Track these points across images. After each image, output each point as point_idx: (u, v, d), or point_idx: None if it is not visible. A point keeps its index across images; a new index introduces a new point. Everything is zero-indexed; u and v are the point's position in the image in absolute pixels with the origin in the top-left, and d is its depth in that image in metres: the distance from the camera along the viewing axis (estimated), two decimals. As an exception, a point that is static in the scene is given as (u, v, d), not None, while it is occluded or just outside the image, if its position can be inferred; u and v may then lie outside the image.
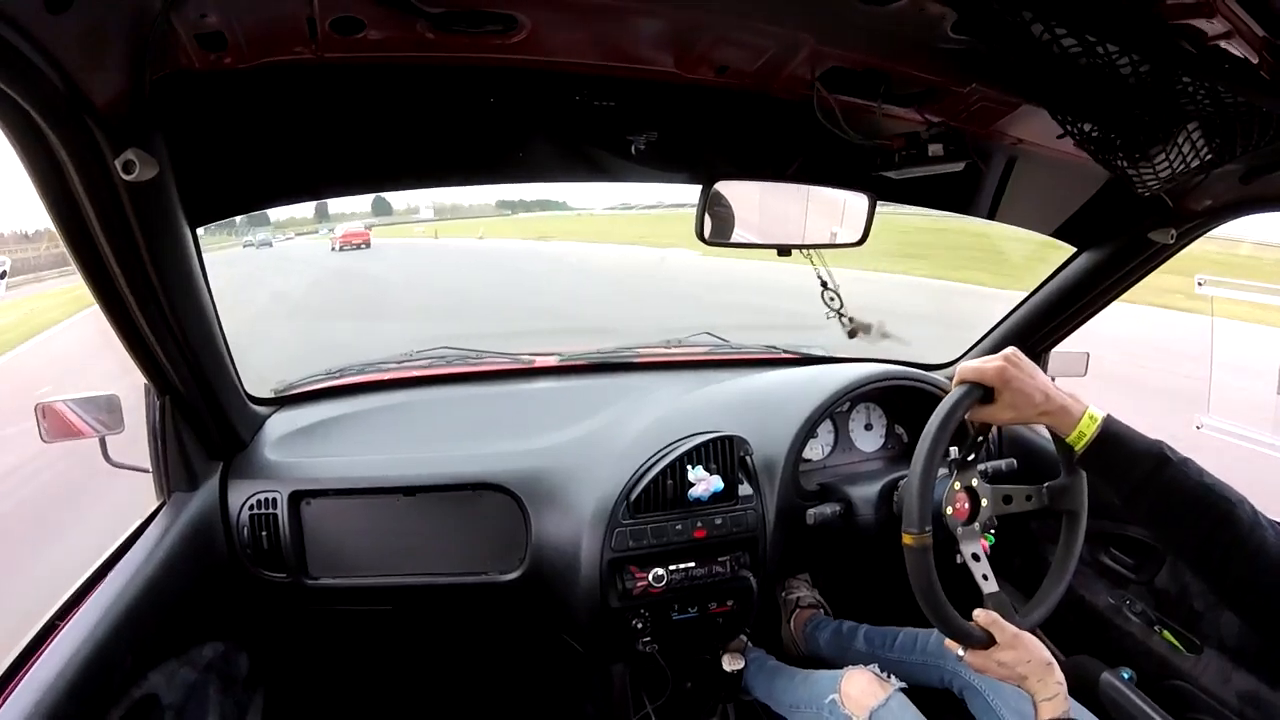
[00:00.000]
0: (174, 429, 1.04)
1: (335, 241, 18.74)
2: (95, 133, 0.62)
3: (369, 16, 0.69)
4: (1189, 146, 0.75)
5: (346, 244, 18.56)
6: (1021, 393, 0.79)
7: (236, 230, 20.37)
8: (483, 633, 1.55)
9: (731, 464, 1.17)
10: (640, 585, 1.13)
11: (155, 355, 0.91)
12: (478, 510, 1.21)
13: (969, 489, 0.92)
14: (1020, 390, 0.79)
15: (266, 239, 20.35)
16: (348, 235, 18.92)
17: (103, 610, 0.84)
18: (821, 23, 0.76)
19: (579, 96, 0.91)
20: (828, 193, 1.11)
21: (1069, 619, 1.39)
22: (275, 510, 1.14)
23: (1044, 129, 0.86)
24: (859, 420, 1.47)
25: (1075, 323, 1.45)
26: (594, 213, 28.88)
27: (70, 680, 0.75)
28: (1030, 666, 0.82)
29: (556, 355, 1.59)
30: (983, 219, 1.29)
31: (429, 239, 23.06)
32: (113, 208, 0.70)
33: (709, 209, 1.06)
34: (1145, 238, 1.16)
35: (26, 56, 0.53)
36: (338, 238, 19.00)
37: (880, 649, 1.33)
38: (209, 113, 0.78)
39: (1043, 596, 0.92)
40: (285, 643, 1.33)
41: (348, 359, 1.50)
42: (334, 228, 20.18)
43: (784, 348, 1.69)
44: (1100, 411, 0.79)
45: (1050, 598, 0.92)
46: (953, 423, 0.82)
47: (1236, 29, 0.56)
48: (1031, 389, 0.79)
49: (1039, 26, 0.66)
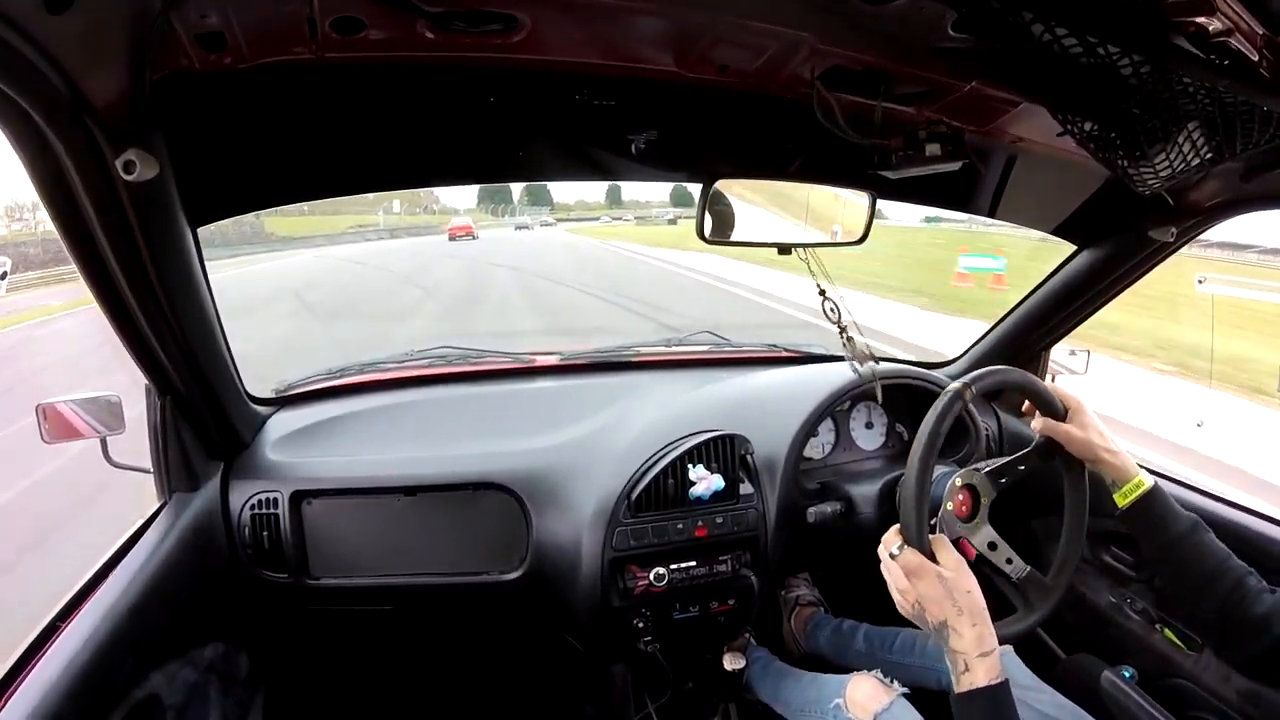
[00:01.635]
0: (175, 429, 1.04)
1: (448, 233, 23.84)
2: (95, 133, 0.62)
3: (369, 16, 0.69)
4: (1189, 145, 0.74)
5: (454, 236, 23.48)
6: (1094, 426, 0.89)
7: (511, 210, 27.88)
8: (484, 633, 1.55)
9: (732, 463, 1.18)
10: (641, 584, 1.13)
11: (155, 355, 0.91)
12: (478, 510, 1.21)
13: (969, 486, 0.92)
14: (1093, 424, 0.90)
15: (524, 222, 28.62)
16: (454, 229, 24.18)
17: (104, 611, 0.84)
18: (822, 22, 0.76)
19: (579, 96, 0.91)
20: (828, 191, 1.11)
21: (1069, 618, 1.40)
22: (276, 510, 1.14)
23: (1044, 127, 0.86)
24: (860, 419, 1.47)
25: (1076, 321, 1.44)
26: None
27: (72, 681, 0.75)
28: (945, 605, 0.74)
29: (557, 355, 1.59)
30: (983, 217, 1.29)
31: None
32: (113, 208, 0.70)
33: (709, 208, 1.06)
34: (1145, 236, 1.16)
35: (27, 57, 0.53)
36: (448, 229, 24.39)
37: (880, 650, 1.34)
38: (209, 113, 0.78)
39: (1065, 554, 0.94)
40: (286, 643, 1.33)
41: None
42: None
43: (785, 346, 1.69)
44: (1150, 477, 0.88)
45: (1072, 556, 0.93)
46: (940, 434, 0.83)
47: (1236, 27, 0.56)
48: (1102, 430, 0.89)
49: (1039, 26, 0.66)
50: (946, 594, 0.75)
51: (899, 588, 0.79)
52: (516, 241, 25.66)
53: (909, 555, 0.77)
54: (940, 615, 0.75)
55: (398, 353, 1.54)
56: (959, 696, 0.74)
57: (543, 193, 55.00)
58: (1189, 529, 0.84)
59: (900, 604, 0.80)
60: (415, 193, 28.51)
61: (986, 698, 0.72)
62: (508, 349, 1.60)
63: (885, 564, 0.81)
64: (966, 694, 0.73)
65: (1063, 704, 1.04)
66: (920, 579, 0.76)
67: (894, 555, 0.79)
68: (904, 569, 0.78)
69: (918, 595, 0.76)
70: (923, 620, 0.77)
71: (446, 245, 22.55)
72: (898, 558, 0.78)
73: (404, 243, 26.14)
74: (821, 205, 1.13)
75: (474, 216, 39.71)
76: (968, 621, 0.74)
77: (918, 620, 0.78)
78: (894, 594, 0.80)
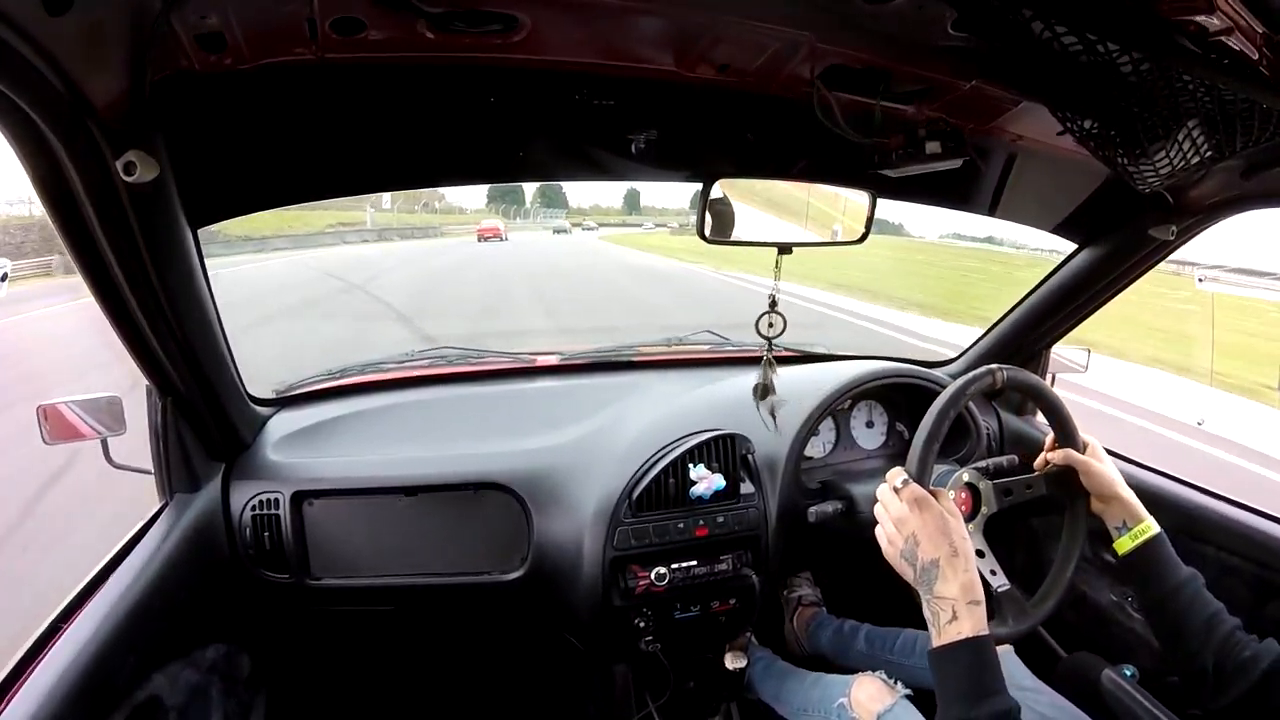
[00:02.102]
0: (175, 430, 1.04)
1: (477, 234, 24.42)
2: (96, 134, 0.62)
3: (369, 17, 0.69)
4: (1189, 143, 0.74)
5: (483, 237, 24.07)
6: (1110, 463, 0.92)
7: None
8: (485, 633, 1.55)
9: (733, 462, 1.18)
10: (642, 584, 1.13)
11: (156, 356, 0.91)
12: (479, 510, 1.21)
13: (970, 485, 0.93)
14: (1110, 462, 0.92)
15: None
16: (483, 230, 24.83)
17: (105, 612, 0.84)
18: (822, 21, 0.76)
19: (579, 96, 0.91)
20: (828, 190, 1.11)
21: (1071, 616, 1.40)
22: (277, 511, 1.14)
23: (1044, 126, 0.86)
24: (860, 418, 1.47)
25: (1076, 319, 1.44)
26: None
27: (73, 682, 0.75)
28: (941, 542, 0.72)
29: (557, 354, 1.59)
30: (983, 215, 1.29)
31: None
32: (114, 209, 0.70)
33: (709, 207, 1.06)
34: (1146, 234, 1.16)
35: (27, 59, 0.53)
36: (478, 229, 24.97)
37: (880, 650, 1.34)
38: (209, 114, 0.78)
39: (1051, 586, 0.93)
40: (287, 643, 1.33)
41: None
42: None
43: (785, 345, 1.69)
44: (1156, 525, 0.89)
45: (1058, 587, 0.92)
46: (966, 395, 0.85)
47: (1236, 25, 0.56)
48: (1117, 474, 0.91)
49: (1039, 25, 0.66)
50: (944, 532, 0.73)
51: (896, 518, 0.77)
52: (551, 251, 22.08)
53: (914, 487, 0.76)
54: (934, 553, 0.72)
55: (398, 353, 1.54)
56: (942, 649, 0.70)
57: (558, 195, 53.24)
58: (1189, 578, 0.85)
59: (890, 540, 0.77)
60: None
61: (972, 648, 0.69)
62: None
63: (884, 498, 0.79)
64: (952, 645, 0.69)
65: (1061, 705, 1.04)
66: (923, 511, 0.74)
67: (898, 488, 0.77)
68: (908, 499, 0.76)
69: (914, 528, 0.74)
70: (912, 558, 0.74)
71: (456, 252, 19.50)
72: (901, 490, 0.77)
73: (398, 249, 22.25)
74: (822, 204, 1.13)
75: (483, 217, 39.01)
76: (961, 564, 0.72)
77: (906, 559, 0.75)
78: (885, 529, 0.78)
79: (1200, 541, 1.17)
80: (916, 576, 0.74)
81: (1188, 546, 1.18)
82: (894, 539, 0.77)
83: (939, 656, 0.71)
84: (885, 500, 0.79)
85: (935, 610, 0.72)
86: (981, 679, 0.69)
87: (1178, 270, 6.76)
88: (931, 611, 0.72)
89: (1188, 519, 1.19)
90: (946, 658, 0.70)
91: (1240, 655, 0.80)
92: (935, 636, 0.72)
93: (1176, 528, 1.19)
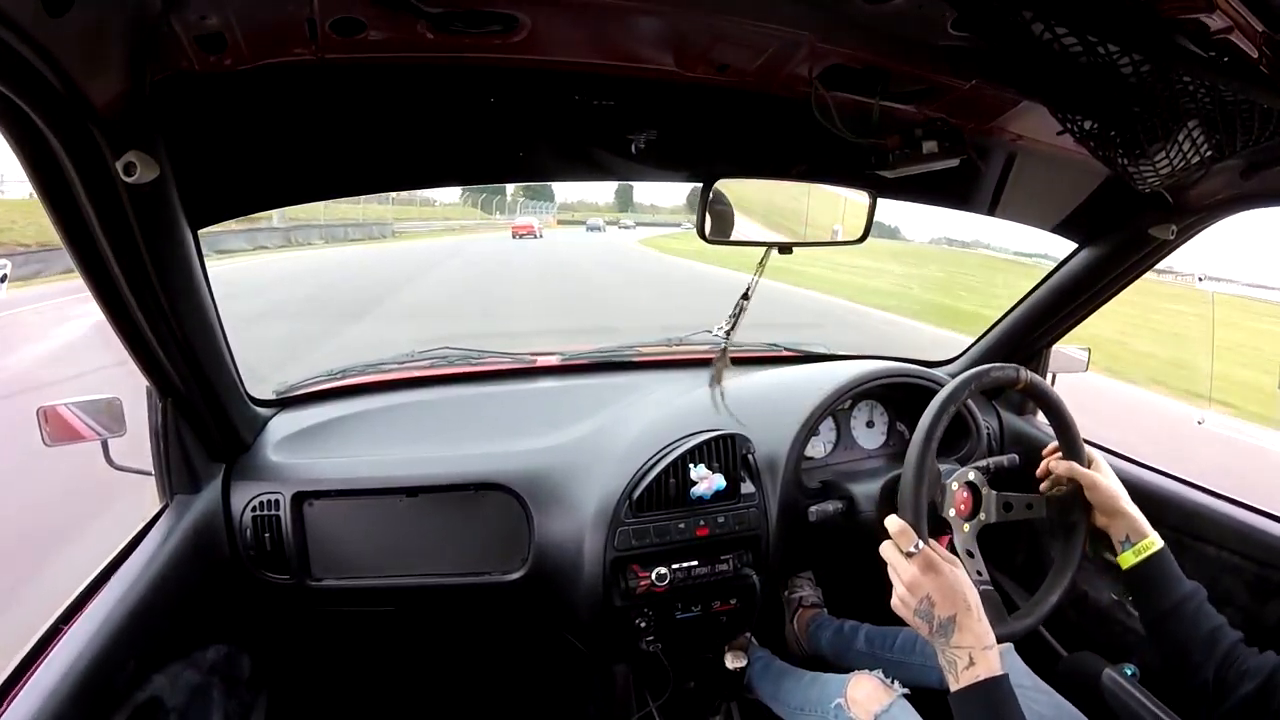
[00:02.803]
0: (176, 431, 1.04)
1: (511, 230, 25.56)
2: (96, 135, 0.62)
3: (369, 17, 0.69)
4: (1189, 143, 0.75)
5: (517, 234, 24.82)
6: (1115, 478, 0.92)
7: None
8: (485, 633, 1.55)
9: (734, 462, 1.18)
10: (643, 584, 1.13)
11: (157, 357, 0.91)
12: (480, 510, 1.21)
13: (970, 484, 0.93)
14: (1114, 476, 0.93)
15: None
16: (517, 228, 25.76)
17: (106, 613, 0.84)
18: (822, 21, 0.76)
19: (579, 96, 0.91)
20: (828, 190, 1.12)
21: (1071, 615, 1.40)
22: (278, 512, 1.14)
23: (1044, 125, 0.86)
24: (860, 417, 1.47)
25: (1076, 319, 1.45)
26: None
27: (74, 684, 0.75)
28: (957, 599, 0.76)
29: (558, 354, 1.59)
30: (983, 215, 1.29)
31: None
32: (114, 210, 0.70)
33: (709, 207, 1.06)
34: (1146, 234, 1.16)
35: (27, 59, 0.52)
36: (512, 226, 26.35)
37: (880, 649, 1.34)
38: (209, 114, 0.78)
39: (1038, 602, 0.93)
40: (288, 644, 1.33)
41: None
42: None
43: (785, 345, 1.69)
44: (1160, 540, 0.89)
45: (1044, 605, 0.92)
46: (978, 381, 0.87)
47: (1236, 24, 0.56)
48: (1121, 489, 0.92)
49: (1039, 25, 0.66)
50: (957, 589, 0.77)
51: (909, 582, 0.79)
52: (583, 259, 17.78)
53: (926, 553, 0.79)
54: (950, 610, 0.76)
55: (399, 353, 1.54)
56: (962, 692, 0.74)
57: (544, 188, 49.55)
58: (1192, 592, 0.85)
59: (904, 601, 0.80)
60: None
61: (991, 689, 0.73)
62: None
63: (895, 562, 0.81)
64: (970, 688, 0.73)
65: (1060, 704, 1.04)
66: (938, 574, 0.78)
67: (910, 554, 0.80)
68: (920, 565, 0.78)
69: (928, 591, 0.77)
70: (928, 617, 0.77)
71: (447, 269, 14.14)
72: (914, 556, 0.79)
73: (345, 255, 16.90)
74: (822, 204, 1.14)
75: (460, 214, 36.62)
76: (974, 616, 0.76)
77: (921, 617, 0.78)
78: (900, 591, 0.80)
79: (1200, 541, 1.17)
80: (933, 631, 0.77)
81: (1188, 546, 1.18)
82: (907, 600, 0.80)
83: (960, 699, 0.75)
84: (896, 564, 0.82)
85: (952, 659, 0.76)
86: (1000, 714, 0.73)
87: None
88: (948, 660, 0.76)
89: (1188, 518, 1.19)
90: (967, 699, 0.74)
91: (1241, 668, 0.80)
92: (954, 681, 0.76)
93: (1177, 527, 1.20)
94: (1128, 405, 5.79)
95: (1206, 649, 0.81)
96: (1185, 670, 0.83)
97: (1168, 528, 0.90)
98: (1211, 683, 0.80)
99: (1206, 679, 0.80)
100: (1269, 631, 1.06)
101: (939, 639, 0.77)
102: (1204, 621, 0.83)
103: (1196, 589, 0.86)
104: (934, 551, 0.79)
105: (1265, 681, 0.77)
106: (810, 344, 1.71)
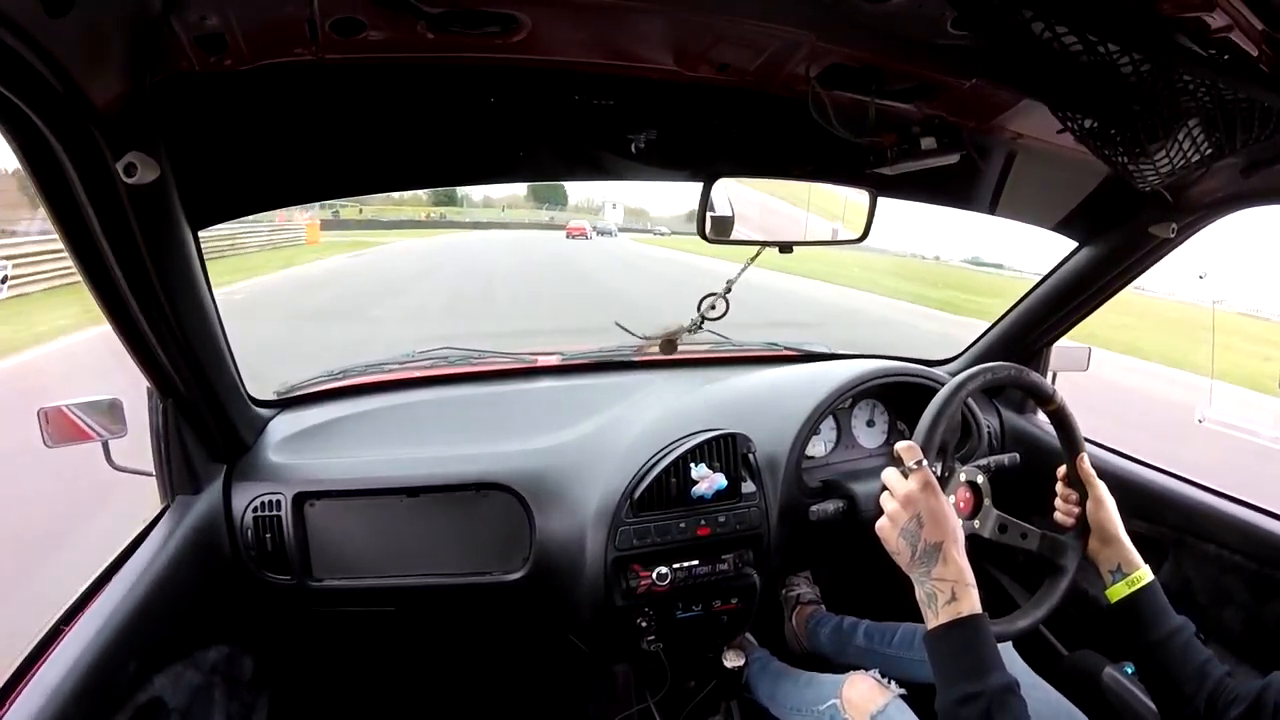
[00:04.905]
0: (177, 432, 1.04)
1: (566, 231, 28.02)
2: (96, 136, 0.62)
3: (369, 17, 0.69)
4: (1189, 141, 0.75)
5: (571, 235, 27.16)
6: (1115, 511, 0.90)
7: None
8: (487, 633, 1.55)
9: (735, 461, 1.18)
10: (644, 584, 1.13)
11: (157, 358, 0.91)
12: (481, 510, 1.21)
13: (972, 484, 0.93)
14: (1114, 508, 0.91)
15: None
16: (571, 229, 28.14)
17: (108, 614, 0.84)
18: (822, 20, 0.76)
19: (579, 96, 0.91)
20: (828, 189, 1.12)
21: (1072, 614, 1.40)
22: (279, 512, 1.14)
23: (1044, 124, 0.86)
24: (861, 417, 1.47)
25: (1077, 318, 1.45)
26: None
27: (76, 685, 0.75)
28: (946, 526, 0.74)
29: (559, 354, 1.59)
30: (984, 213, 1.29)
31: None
32: (114, 211, 0.70)
33: (710, 207, 1.06)
34: (1146, 232, 1.16)
35: (27, 60, 0.53)
36: (567, 227, 28.92)
37: (879, 644, 1.34)
38: (209, 115, 0.78)
39: (1038, 601, 0.92)
40: (290, 645, 1.33)
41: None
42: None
43: (786, 345, 1.69)
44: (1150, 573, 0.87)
45: (1045, 604, 0.92)
46: (986, 377, 0.88)
47: (1236, 23, 0.56)
48: (1119, 519, 0.90)
49: (1039, 24, 0.66)
50: (949, 517, 0.76)
51: (904, 496, 0.77)
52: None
53: (926, 471, 0.78)
54: (938, 536, 0.74)
55: (399, 354, 1.54)
56: (940, 628, 0.72)
57: (557, 191, 48.14)
58: (1181, 625, 0.84)
59: (893, 519, 0.78)
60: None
61: (973, 626, 0.72)
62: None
63: (893, 481, 0.80)
64: (950, 623, 0.71)
65: (1061, 703, 1.04)
66: (934, 495, 0.76)
67: (909, 471, 0.78)
68: (918, 481, 0.77)
69: (921, 509, 0.75)
70: (913, 539, 0.75)
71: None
72: (914, 472, 0.77)
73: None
74: (822, 203, 1.14)
75: (440, 211, 36.31)
76: (959, 551, 0.74)
77: (906, 538, 0.76)
78: (890, 508, 0.79)
79: (1200, 540, 1.17)
80: (914, 558, 0.75)
81: (1189, 544, 1.18)
82: (896, 516, 0.77)
83: (939, 637, 0.72)
84: (892, 482, 0.80)
85: (933, 591, 0.73)
86: (984, 654, 0.71)
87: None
88: (928, 593, 0.74)
89: (1188, 517, 1.19)
90: (947, 636, 0.72)
91: (1230, 696, 0.79)
92: (932, 618, 0.73)
93: (1178, 526, 1.20)
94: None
95: (1197, 681, 0.80)
96: (1177, 700, 0.82)
97: (1168, 526, 0.90)
98: (1203, 713, 0.80)
99: (1198, 709, 0.80)
100: (1269, 631, 1.06)
101: (919, 569, 0.74)
102: (1194, 654, 0.82)
103: (1185, 623, 0.85)
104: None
105: (1254, 702, 0.76)
106: (810, 344, 1.71)
